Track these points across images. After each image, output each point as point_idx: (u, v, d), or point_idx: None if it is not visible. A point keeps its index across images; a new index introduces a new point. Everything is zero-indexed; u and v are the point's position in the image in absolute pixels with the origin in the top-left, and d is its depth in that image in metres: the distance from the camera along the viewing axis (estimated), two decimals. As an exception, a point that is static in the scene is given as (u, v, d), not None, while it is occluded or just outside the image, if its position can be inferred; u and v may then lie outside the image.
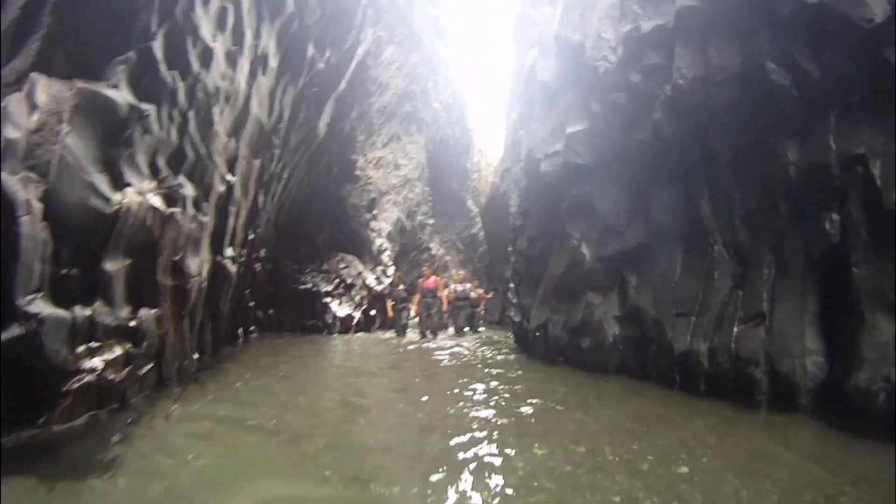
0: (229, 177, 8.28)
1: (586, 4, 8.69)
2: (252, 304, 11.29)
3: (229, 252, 8.69)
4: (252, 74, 8.69)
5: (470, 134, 30.25)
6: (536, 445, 4.18)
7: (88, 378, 4.19)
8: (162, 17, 5.77)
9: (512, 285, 12.39)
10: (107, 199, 4.66)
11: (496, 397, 6.04)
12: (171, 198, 5.87)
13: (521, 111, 12.32)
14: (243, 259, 9.82)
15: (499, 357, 9.86)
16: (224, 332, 9.12)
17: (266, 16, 8.97)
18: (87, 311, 4.36)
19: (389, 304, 14.81)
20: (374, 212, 18.35)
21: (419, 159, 26.03)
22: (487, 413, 5.25)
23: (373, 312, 15.72)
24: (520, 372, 8.02)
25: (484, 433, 4.52)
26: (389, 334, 14.55)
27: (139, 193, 5.14)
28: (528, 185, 10.44)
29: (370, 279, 16.16)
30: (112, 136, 4.95)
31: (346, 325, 14.12)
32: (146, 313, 5.28)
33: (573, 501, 3.14)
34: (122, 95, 5.07)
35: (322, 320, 13.56)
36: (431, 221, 27.34)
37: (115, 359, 4.62)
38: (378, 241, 18.15)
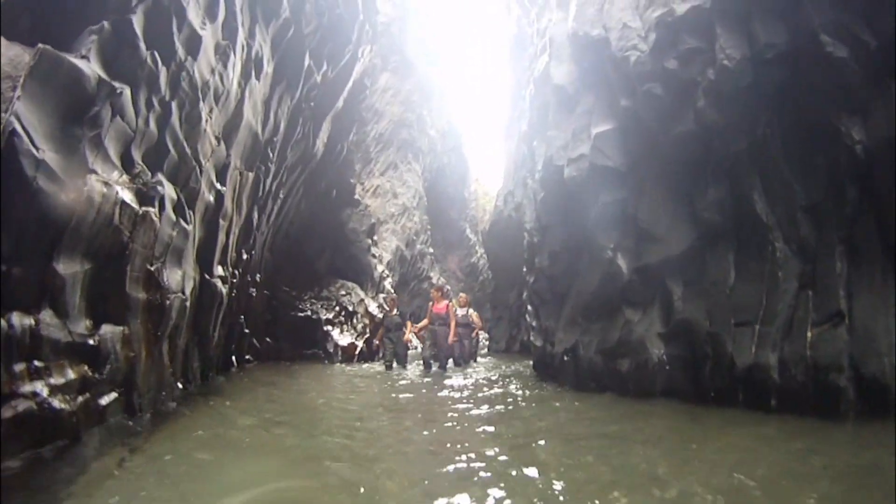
0: (219, 186, 7.44)
1: (605, -1, 8.03)
2: (247, 331, 10.31)
3: (219, 271, 7.78)
4: (245, 76, 7.94)
5: (467, 162, 29.85)
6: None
7: (28, 405, 3.24)
8: (139, -11, 5.02)
9: (530, 308, 11.43)
10: (62, 184, 3.78)
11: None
12: (146, 195, 4.99)
13: (532, 121, 11.57)
14: (236, 281, 8.91)
15: (527, 392, 8.07)
16: (215, 361, 8.14)
17: (260, 17, 8.29)
18: (29, 321, 3.44)
19: (381, 332, 12.99)
20: (375, 237, 17.52)
21: (417, 188, 25.47)
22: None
23: (376, 342, 14.63)
24: (557, 404, 6.92)
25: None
26: (380, 366, 12.22)
27: (105, 184, 4.27)
28: (547, 197, 9.61)
29: (372, 307, 15.22)
30: (76, 112, 4.09)
31: (348, 354, 13.13)
32: (110, 330, 4.34)
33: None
34: (90, 67, 4.24)
35: (323, 349, 12.56)
36: (431, 250, 26.59)
37: (66, 384, 3.67)
38: (380, 268, 17.27)
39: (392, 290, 17.10)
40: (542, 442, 4.52)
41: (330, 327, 13.13)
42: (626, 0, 7.50)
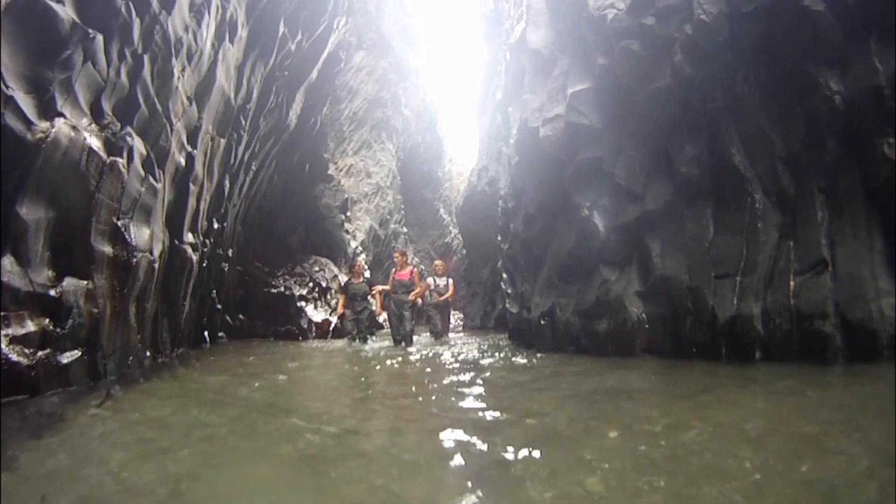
0: (189, 148, 7.20)
1: (585, -38, 7.92)
2: (219, 307, 10.07)
3: (190, 238, 7.55)
4: (219, 38, 7.67)
5: (441, 142, 29.60)
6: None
7: None
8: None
9: (505, 275, 11.39)
10: (29, 123, 3.57)
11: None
12: (115, 145, 4.78)
13: (508, 88, 11.47)
14: (207, 251, 8.67)
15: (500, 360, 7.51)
16: (186, 334, 7.92)
17: (235, -21, 8.01)
18: (-12, 265, 3.25)
19: (341, 300, 10.99)
20: (348, 213, 17.28)
21: (390, 167, 25.21)
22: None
23: (337, 314, 14.22)
24: (528, 364, 6.82)
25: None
26: (342, 342, 10.99)
27: (73, 128, 4.07)
28: (522, 161, 9.53)
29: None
30: (47, 53, 3.90)
31: (322, 330, 12.94)
32: (74, 284, 4.14)
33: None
34: (64, 10, 4.05)
35: (297, 325, 12.34)
36: (405, 230, 26.42)
37: (24, 335, 3.50)
38: (353, 244, 17.06)
39: (367, 267, 16.80)
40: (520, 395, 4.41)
41: (303, 303, 12.91)
42: (606, -37, 7.40)
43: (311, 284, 13.54)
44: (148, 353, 5.77)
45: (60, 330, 3.89)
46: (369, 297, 11.08)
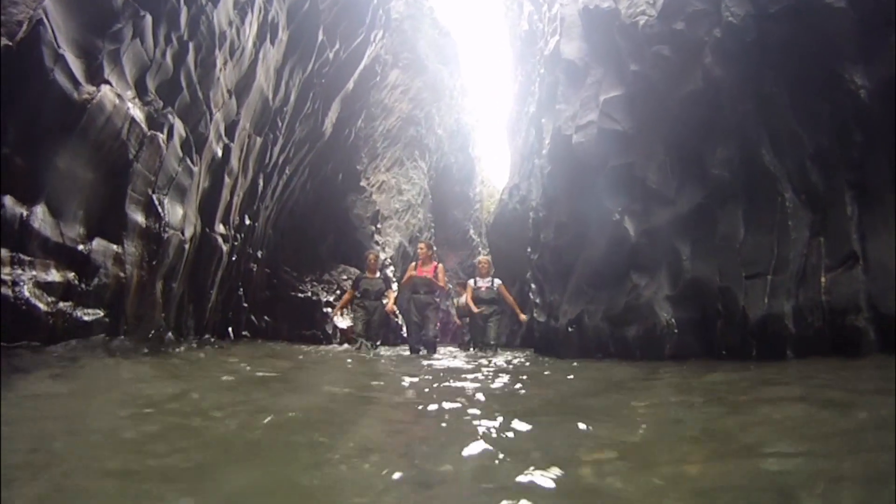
0: (227, 140, 7.42)
1: (616, -26, 8.03)
2: (246, 305, 10.22)
3: (221, 229, 7.73)
4: (260, 38, 7.94)
5: (473, 162, 29.80)
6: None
7: (5, 293, 3.16)
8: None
9: (534, 286, 11.32)
10: (77, 84, 3.75)
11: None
12: (156, 121, 4.97)
13: (541, 100, 11.56)
14: (237, 245, 8.85)
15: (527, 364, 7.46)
16: (211, 324, 8.04)
17: (277, -17, 8.31)
18: (22, 210, 3.38)
19: (346, 295, 9.76)
20: (379, 225, 17.45)
21: (422, 185, 25.44)
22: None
23: (335, 311, 14.10)
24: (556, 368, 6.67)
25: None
26: (344, 346, 10.07)
27: (118, 96, 4.25)
28: (554, 170, 9.56)
29: (374, 292, 15.07)
30: (100, 24, 4.12)
31: (347, 337, 12.99)
32: (104, 245, 4.28)
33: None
34: None
35: (322, 330, 12.44)
36: (434, 249, 26.49)
37: (48, 284, 3.60)
38: (382, 255, 17.17)
39: (395, 280, 16.83)
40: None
41: (330, 309, 13.02)
42: (637, -27, 7.49)
43: (338, 292, 13.65)
44: (171, 335, 5.87)
45: (85, 286, 4.00)
46: (385, 296, 9.50)
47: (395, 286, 9.63)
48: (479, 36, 65.29)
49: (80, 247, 3.97)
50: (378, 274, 9.78)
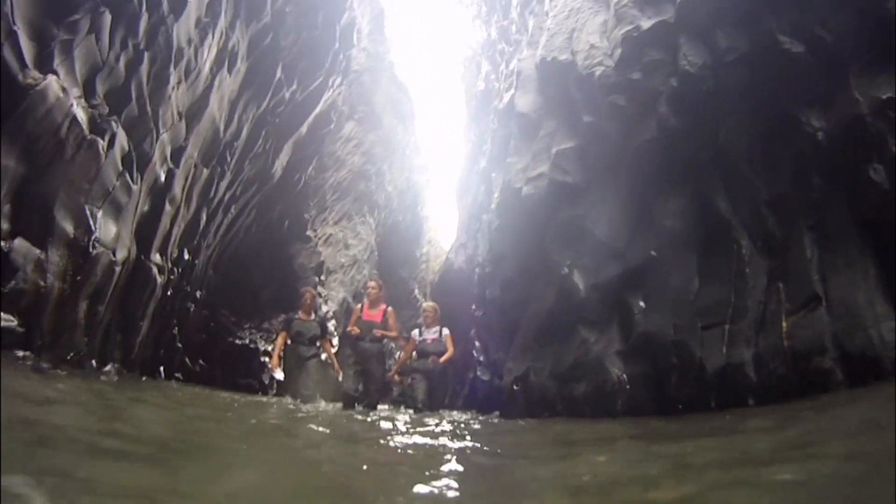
0: (172, 165, 7.04)
1: (574, 28, 8.34)
2: (180, 345, 9.52)
3: (157, 259, 7.22)
4: (218, 64, 7.75)
5: (422, 221, 29.90)
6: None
7: None
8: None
9: (478, 343, 11.09)
10: (24, 66, 3.42)
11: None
12: (99, 126, 4.62)
13: (493, 154, 11.69)
14: (174, 279, 8.29)
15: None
16: (138, 359, 7.37)
17: (242, 13, 8.21)
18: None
19: (279, 342, 8.20)
20: (323, 277, 16.97)
21: (369, 241, 25.19)
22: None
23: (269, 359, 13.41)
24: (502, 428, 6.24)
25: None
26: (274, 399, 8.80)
27: (63, 89, 3.92)
28: (503, 223, 9.52)
29: (314, 344, 14.44)
30: (58, 10, 3.85)
31: (284, 388, 12.29)
32: (26, 247, 3.86)
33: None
34: None
35: (258, 380, 11.71)
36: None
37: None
38: (324, 308, 16.61)
39: (336, 335, 16.21)
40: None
41: (267, 359, 12.35)
42: (595, 25, 7.79)
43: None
44: (94, 363, 5.28)
45: (1, 285, 3.52)
46: (319, 342, 8.10)
47: (335, 338, 7.99)
48: (435, 95, 67.30)
49: (2, 242, 3.52)
50: (313, 316, 8.30)
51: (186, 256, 8.84)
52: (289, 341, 7.93)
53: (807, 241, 4.77)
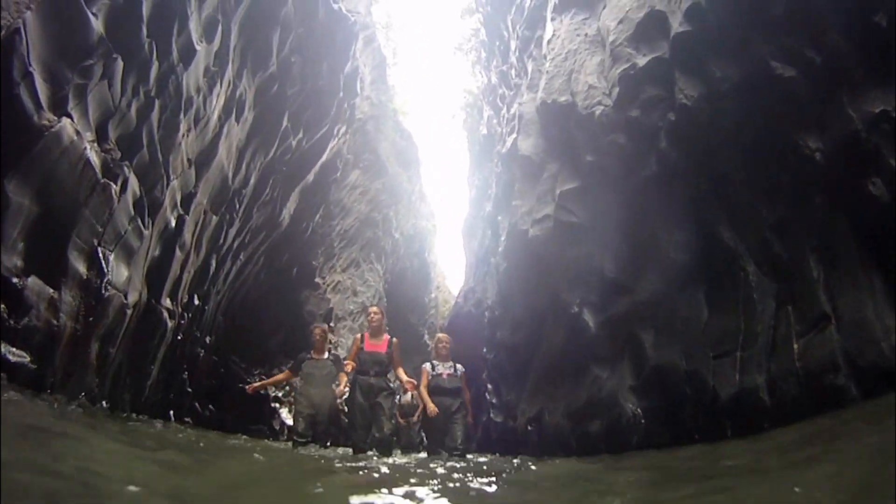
0: (182, 211, 7.18)
1: (572, 69, 8.56)
2: (190, 390, 9.48)
3: (167, 303, 7.28)
4: (226, 113, 7.98)
5: (429, 267, 29.96)
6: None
7: None
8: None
9: (490, 386, 10.98)
10: (39, 107, 3.55)
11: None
12: (111, 171, 4.75)
13: (498, 198, 11.85)
14: (184, 324, 8.32)
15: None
16: (150, 403, 7.33)
17: (249, 63, 8.51)
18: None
19: (279, 377, 8.30)
20: (332, 324, 16.94)
21: (377, 288, 25.22)
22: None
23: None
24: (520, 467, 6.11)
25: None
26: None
27: (77, 133, 4.05)
28: (510, 267, 9.60)
29: (323, 390, 14.32)
30: (73, 55, 4.00)
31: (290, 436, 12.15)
32: (40, 286, 3.90)
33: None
34: (97, 22, 4.20)
35: (269, 426, 11.60)
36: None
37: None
38: (334, 353, 16.51)
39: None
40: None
41: (277, 405, 12.29)
42: (593, 65, 7.99)
43: (287, 388, 12.92)
44: (105, 403, 5.27)
45: (14, 323, 3.56)
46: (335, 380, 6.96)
47: (349, 368, 6.57)
48: (439, 141, 68.62)
49: (15, 279, 3.58)
50: (327, 355, 7.43)
51: (196, 302, 8.90)
52: (298, 382, 7.27)
53: (812, 262, 4.75)
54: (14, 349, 3.61)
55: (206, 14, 6.37)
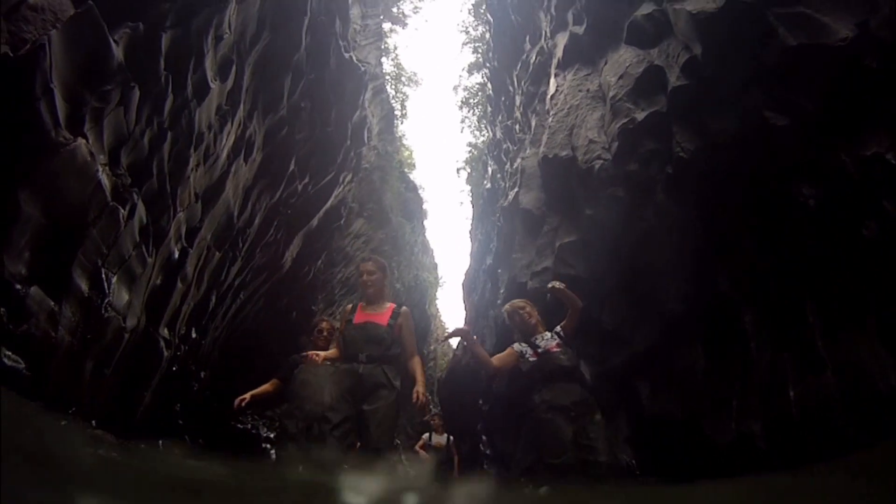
0: (185, 244, 7.28)
1: (574, 124, 8.79)
2: (181, 422, 9.35)
3: (165, 333, 7.29)
4: (235, 152, 8.19)
5: (430, 321, 29.86)
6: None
7: None
8: (176, 19, 5.34)
9: (485, 437, 10.79)
10: (57, 124, 3.70)
11: None
12: (121, 196, 4.87)
13: (498, 251, 11.93)
14: (180, 355, 8.29)
15: None
16: (139, 428, 7.22)
17: (260, 106, 8.79)
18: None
19: (265, 387, 5.77)
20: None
21: (376, 337, 25.03)
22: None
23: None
24: None
25: None
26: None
27: (91, 154, 4.19)
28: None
29: (316, 436, 14.03)
30: (92, 78, 4.17)
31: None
32: (40, 296, 3.94)
33: None
34: (117, 49, 4.41)
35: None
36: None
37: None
38: (328, 400, 16.25)
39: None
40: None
41: (268, 446, 12.04)
42: (593, 120, 8.19)
43: (279, 430, 12.71)
44: (93, 422, 5.21)
45: (12, 328, 3.59)
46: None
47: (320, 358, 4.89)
48: (445, 193, 69.50)
49: (18, 286, 3.64)
50: (326, 361, 4.82)
51: (194, 335, 8.89)
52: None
53: (808, 308, 4.79)
54: (10, 353, 3.63)
55: (222, 53, 6.65)
